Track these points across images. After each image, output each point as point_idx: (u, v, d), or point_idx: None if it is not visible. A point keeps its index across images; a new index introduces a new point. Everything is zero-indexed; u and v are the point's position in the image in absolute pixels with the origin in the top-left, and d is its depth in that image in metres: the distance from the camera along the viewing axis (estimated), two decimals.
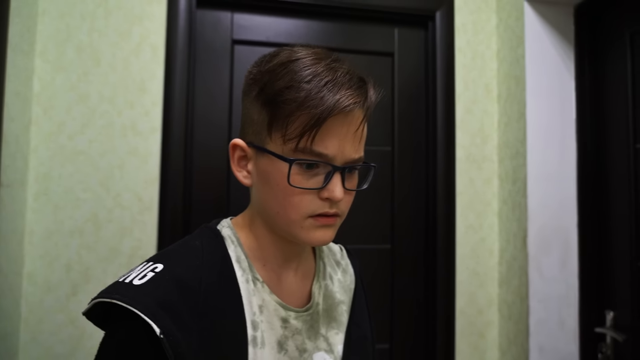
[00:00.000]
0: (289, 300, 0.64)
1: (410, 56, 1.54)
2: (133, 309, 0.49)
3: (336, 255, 0.78)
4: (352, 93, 0.54)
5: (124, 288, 0.51)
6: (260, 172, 0.59)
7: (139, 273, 0.54)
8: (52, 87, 1.26)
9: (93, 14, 1.29)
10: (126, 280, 0.53)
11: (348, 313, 0.71)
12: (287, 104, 0.54)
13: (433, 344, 1.46)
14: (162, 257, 0.57)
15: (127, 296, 0.50)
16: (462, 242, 1.48)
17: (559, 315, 1.35)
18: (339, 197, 0.57)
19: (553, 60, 1.38)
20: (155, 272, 0.53)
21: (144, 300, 0.50)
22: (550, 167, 1.36)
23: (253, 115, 0.59)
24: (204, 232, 0.63)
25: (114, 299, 0.50)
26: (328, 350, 0.66)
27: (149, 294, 0.51)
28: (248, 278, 0.60)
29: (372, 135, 1.49)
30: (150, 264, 0.55)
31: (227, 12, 1.42)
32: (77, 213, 1.26)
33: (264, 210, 0.61)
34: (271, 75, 0.56)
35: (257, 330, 0.58)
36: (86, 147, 1.27)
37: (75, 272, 1.25)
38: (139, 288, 0.51)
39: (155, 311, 0.49)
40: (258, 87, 0.58)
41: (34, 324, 1.22)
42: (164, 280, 0.53)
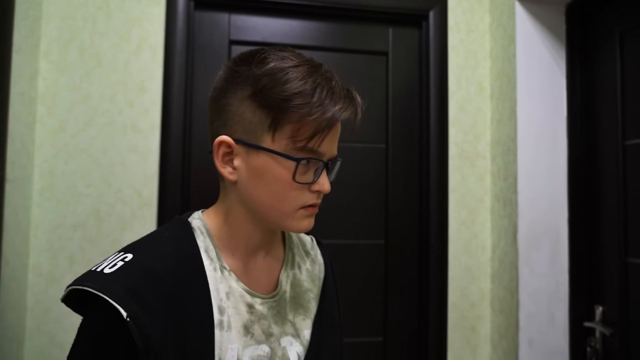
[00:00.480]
0: (255, 287, 0.68)
1: (404, 55, 1.56)
2: (102, 295, 0.53)
3: (306, 246, 0.82)
4: (349, 102, 0.63)
5: (95, 276, 0.56)
6: (252, 168, 0.62)
7: (110, 262, 0.58)
8: (56, 87, 1.31)
9: (95, 16, 1.34)
10: (97, 269, 0.57)
11: (316, 301, 0.75)
12: (298, 110, 0.59)
13: (425, 338, 1.49)
14: (132, 248, 0.61)
15: (97, 283, 0.54)
16: (454, 237, 1.51)
17: (549, 310, 1.37)
18: (328, 189, 0.65)
19: (544, 59, 1.40)
20: (124, 262, 0.57)
21: (111, 287, 0.54)
22: (541, 164, 1.38)
23: (245, 114, 0.61)
24: (174, 224, 0.67)
25: (85, 286, 0.54)
26: (295, 335, 0.70)
27: (116, 280, 0.55)
28: (216, 267, 0.64)
29: (367, 133, 1.53)
30: (121, 254, 0.59)
31: (224, 14, 1.46)
32: (80, 208, 1.31)
33: (254, 204, 0.64)
34: (271, 80, 0.60)
35: (223, 315, 0.62)
36: (88, 145, 1.32)
37: (79, 264, 1.30)
38: (108, 276, 0.56)
39: (123, 297, 0.54)
40: (253, 88, 0.60)
41: (40, 314, 1.28)
42: (132, 269, 0.57)
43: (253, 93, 0.61)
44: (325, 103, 0.59)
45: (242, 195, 0.65)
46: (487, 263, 1.52)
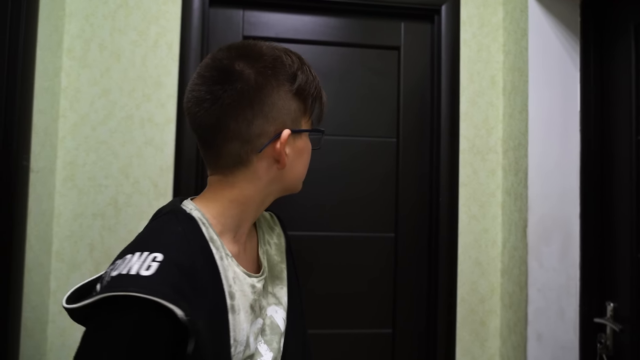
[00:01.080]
0: (248, 268, 0.73)
1: (416, 50, 1.57)
2: (155, 299, 0.52)
3: (269, 222, 0.90)
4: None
5: (134, 280, 0.54)
6: (297, 150, 0.73)
7: (142, 264, 0.56)
8: (78, 83, 1.38)
9: (114, 14, 1.40)
10: (131, 272, 0.55)
11: (286, 270, 0.84)
12: (322, 98, 0.77)
13: (434, 331, 1.50)
14: (154, 246, 0.59)
15: (144, 287, 0.53)
16: (465, 231, 1.51)
17: (559, 305, 1.36)
18: None
19: (557, 53, 1.39)
20: (158, 262, 0.57)
21: (161, 289, 0.54)
22: (552, 159, 1.38)
23: (290, 106, 0.70)
24: (178, 217, 0.67)
25: (131, 292, 0.52)
26: (277, 303, 0.78)
27: (162, 282, 0.55)
28: (222, 255, 0.67)
29: (378, 127, 1.55)
30: (147, 254, 0.58)
31: (238, 10, 1.50)
32: (100, 198, 1.37)
33: (293, 180, 0.75)
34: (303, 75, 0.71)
35: (234, 300, 0.66)
36: (108, 137, 1.38)
37: (98, 251, 1.37)
38: (150, 278, 0.54)
39: (174, 297, 0.54)
40: (293, 84, 0.70)
41: (61, 298, 1.34)
42: (169, 267, 0.57)
43: (295, 88, 0.70)
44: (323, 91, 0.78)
45: (284, 177, 0.73)
46: (498, 257, 1.52)
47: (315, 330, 1.49)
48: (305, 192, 1.50)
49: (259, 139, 0.68)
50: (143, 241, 0.62)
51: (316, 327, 1.49)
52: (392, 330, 1.53)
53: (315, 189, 1.51)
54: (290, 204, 1.50)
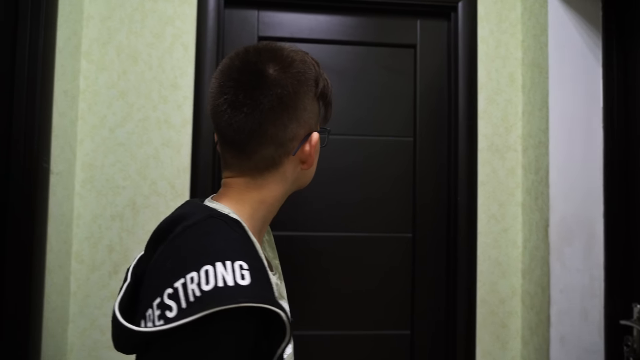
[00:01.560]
0: None
1: (432, 47, 1.55)
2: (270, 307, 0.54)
3: None
4: None
5: (239, 290, 0.53)
6: (316, 149, 0.75)
7: (234, 274, 0.55)
8: (96, 85, 1.39)
9: (131, 17, 1.41)
10: (229, 283, 0.54)
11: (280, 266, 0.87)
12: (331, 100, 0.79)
13: (454, 333, 1.47)
14: (232, 254, 0.58)
15: (252, 296, 0.53)
16: (484, 232, 1.48)
17: (582, 306, 1.33)
18: None
19: (579, 48, 1.35)
20: (248, 269, 0.56)
21: (268, 296, 0.55)
22: (575, 157, 1.34)
23: (315, 108, 0.73)
24: (228, 222, 0.64)
25: (242, 303, 0.52)
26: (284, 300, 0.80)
27: (264, 289, 0.56)
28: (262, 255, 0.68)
29: (394, 126, 1.53)
30: (230, 263, 0.56)
31: (253, 11, 1.50)
32: (118, 199, 1.38)
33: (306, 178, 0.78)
34: (324, 80, 0.74)
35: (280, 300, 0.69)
36: (125, 139, 1.39)
37: (117, 252, 1.38)
38: (252, 287, 0.54)
39: (277, 302, 0.56)
40: (317, 89, 0.72)
41: (82, 298, 1.36)
42: (259, 275, 0.57)
43: (319, 92, 0.73)
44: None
45: (306, 176, 0.77)
46: (518, 258, 1.49)
47: (332, 332, 1.48)
48: (321, 192, 1.50)
49: (292, 142, 0.70)
50: (212, 250, 0.58)
51: (333, 328, 1.48)
52: (411, 332, 1.51)
53: (331, 190, 1.50)
54: (307, 204, 1.49)
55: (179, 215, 0.66)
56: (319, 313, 1.49)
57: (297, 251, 1.49)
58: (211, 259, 0.56)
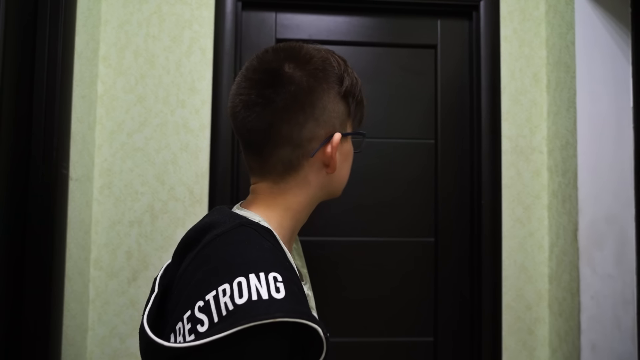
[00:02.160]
0: None
1: (453, 48, 1.52)
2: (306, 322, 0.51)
3: None
4: None
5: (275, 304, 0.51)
6: (344, 153, 0.71)
7: (268, 287, 0.52)
8: (113, 90, 1.38)
9: (148, 21, 1.39)
10: (263, 297, 0.51)
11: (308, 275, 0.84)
12: (363, 103, 0.74)
13: (479, 340, 1.43)
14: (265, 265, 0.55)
15: (288, 310, 0.50)
16: (509, 235, 1.44)
17: (614, 313, 1.28)
18: None
19: (607, 46, 1.31)
20: (282, 282, 0.53)
21: (304, 310, 0.52)
22: (604, 158, 1.30)
23: (339, 109, 0.68)
24: (259, 231, 0.61)
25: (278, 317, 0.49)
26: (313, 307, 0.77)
27: (299, 302, 0.53)
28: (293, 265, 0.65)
29: (415, 128, 1.50)
30: (263, 274, 0.53)
31: (271, 13, 1.47)
32: (136, 205, 1.37)
33: (340, 184, 0.73)
34: (349, 77, 0.69)
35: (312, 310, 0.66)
36: (143, 144, 1.38)
37: (135, 259, 1.36)
38: (288, 301, 0.51)
39: (313, 316, 0.52)
40: (341, 87, 0.68)
41: (100, 306, 1.34)
42: (293, 287, 0.54)
43: (343, 91, 0.68)
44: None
45: (332, 182, 0.71)
46: (545, 263, 1.45)
47: (352, 339, 1.45)
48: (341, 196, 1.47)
49: (310, 143, 0.66)
50: (244, 261, 0.55)
51: (354, 335, 1.45)
52: (434, 339, 1.47)
53: (350, 193, 1.47)
54: (326, 209, 1.46)
55: (208, 223, 0.63)
56: (341, 320, 1.46)
57: (315, 257, 1.46)
58: (243, 270, 0.53)
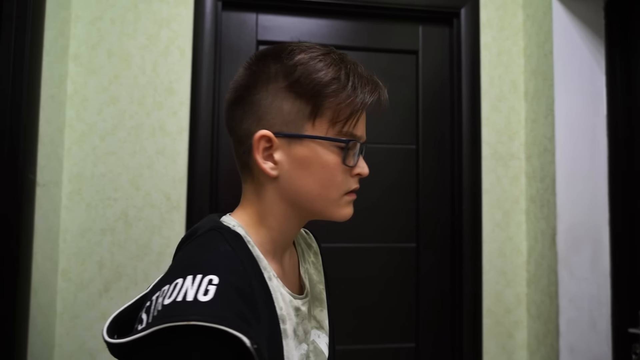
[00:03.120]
0: (292, 289, 0.67)
1: (434, 54, 1.53)
2: (222, 327, 0.46)
3: (307, 239, 0.83)
4: (376, 85, 0.65)
5: (194, 307, 0.47)
6: (297, 159, 0.61)
7: (197, 288, 0.49)
8: (85, 90, 1.30)
9: (123, 18, 1.33)
10: (187, 298, 0.48)
11: (325, 291, 0.78)
12: (337, 94, 0.61)
13: (460, 344, 1.44)
14: (207, 268, 0.53)
15: (207, 315, 0.46)
16: (488, 240, 1.46)
17: (590, 315, 1.32)
18: (367, 172, 0.66)
19: (583, 56, 1.35)
20: (215, 285, 0.50)
21: (226, 316, 0.47)
22: (580, 165, 1.34)
23: (283, 106, 0.61)
24: (225, 235, 0.60)
25: (192, 321, 0.46)
26: (319, 327, 0.72)
27: (226, 308, 0.48)
28: (270, 275, 0.61)
29: (397, 133, 1.49)
30: (200, 276, 0.51)
31: (252, 14, 1.44)
32: (109, 211, 1.29)
33: (299, 195, 0.63)
34: (306, 68, 0.61)
35: (285, 324, 0.60)
36: (117, 148, 1.31)
37: (107, 269, 1.28)
38: (212, 304, 0.48)
39: (240, 324, 0.47)
40: (288, 80, 0.61)
41: (69, 320, 1.26)
42: (228, 292, 0.50)
43: (289, 84, 0.61)
44: (357, 86, 0.62)
45: (284, 190, 0.63)
46: (523, 267, 1.48)
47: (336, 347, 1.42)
48: None
49: (248, 141, 0.62)
50: (192, 263, 0.54)
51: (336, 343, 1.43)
52: (416, 344, 1.47)
53: None
54: None
55: (193, 229, 0.63)
56: None
57: None
58: (185, 271, 0.52)
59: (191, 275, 0.51)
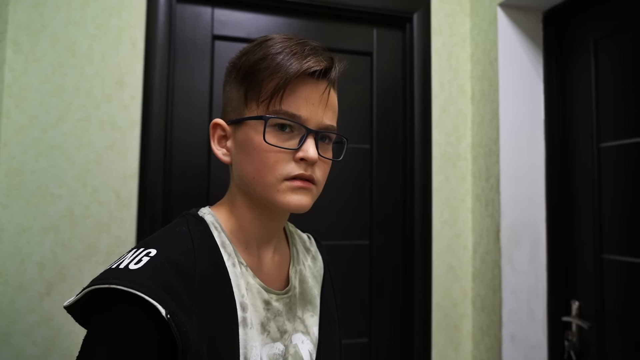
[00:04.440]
0: (269, 283, 0.67)
1: (388, 56, 1.57)
2: (137, 292, 0.48)
3: (305, 243, 0.83)
4: (317, 59, 0.61)
5: (121, 273, 0.50)
6: (239, 142, 0.63)
7: (133, 258, 0.53)
8: (25, 79, 1.21)
9: (68, 4, 1.25)
10: (120, 266, 0.52)
11: (319, 297, 0.77)
12: (261, 72, 0.60)
13: (410, 338, 1.49)
14: (153, 243, 0.57)
15: (127, 280, 0.49)
16: (438, 237, 1.53)
17: (529, 306, 1.42)
18: (312, 156, 0.59)
19: (523, 64, 1.45)
20: (150, 257, 0.54)
21: (146, 283, 0.50)
22: (521, 165, 1.43)
23: (233, 94, 0.65)
24: (188, 219, 0.64)
25: (112, 284, 0.48)
26: (305, 332, 0.70)
27: (149, 277, 0.51)
28: (234, 262, 0.62)
29: (351, 133, 1.52)
30: (142, 249, 0.55)
31: (207, 8, 1.41)
32: (52, 209, 1.21)
33: (242, 180, 0.64)
34: (247, 55, 0.63)
35: (246, 312, 0.60)
36: (61, 141, 1.23)
37: (49, 270, 1.21)
38: (137, 272, 0.51)
39: (159, 293, 0.49)
40: (236, 69, 0.64)
41: (5, 325, 1.17)
42: (161, 264, 0.53)
43: (236, 73, 0.64)
44: (287, 63, 0.59)
45: (235, 177, 0.66)
46: (469, 262, 1.55)
47: None
48: None
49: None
50: (146, 240, 0.59)
51: None
52: (369, 339, 1.51)
53: None
54: None
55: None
56: None
57: None
58: (138, 246, 0.57)
59: (136, 248, 0.56)
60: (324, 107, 0.62)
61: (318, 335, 0.72)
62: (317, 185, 0.63)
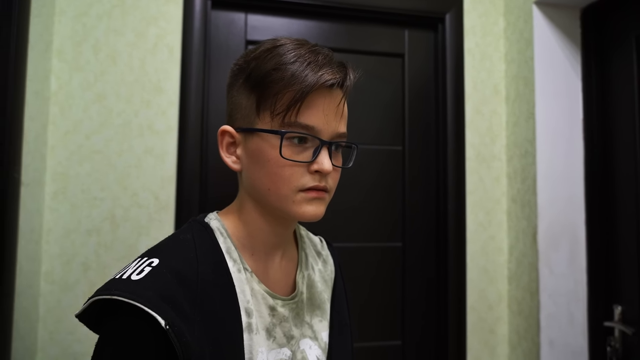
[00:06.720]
0: (275, 289, 0.67)
1: (420, 57, 1.56)
2: (136, 303, 0.49)
3: (317, 246, 0.82)
4: (332, 71, 0.60)
5: (123, 284, 0.52)
6: (250, 152, 0.62)
7: (136, 268, 0.55)
8: (69, 87, 1.26)
9: (109, 14, 1.30)
10: (123, 276, 0.54)
11: (329, 302, 0.76)
12: (275, 83, 0.59)
13: (445, 341, 1.48)
14: (156, 252, 0.58)
15: (128, 291, 0.51)
16: (472, 239, 1.51)
17: (568, 310, 1.38)
18: (327, 168, 0.60)
19: (560, 62, 1.42)
20: (152, 267, 0.55)
21: (145, 294, 0.51)
22: (558, 166, 1.40)
23: (241, 101, 0.64)
24: (193, 226, 0.65)
25: (114, 295, 0.50)
26: (313, 337, 0.70)
27: (149, 287, 0.52)
28: (240, 268, 0.63)
29: (384, 135, 1.52)
30: (145, 259, 0.56)
31: (241, 13, 1.43)
32: (95, 212, 1.26)
33: (255, 190, 0.64)
34: (258, 61, 0.61)
35: (251, 318, 0.61)
36: (103, 147, 1.28)
37: (93, 271, 1.25)
38: (138, 282, 0.52)
39: (158, 304, 0.51)
40: (245, 74, 0.63)
41: (52, 323, 1.22)
42: (162, 274, 0.54)
43: (245, 79, 0.63)
44: (301, 73, 0.58)
45: (246, 185, 0.66)
46: (504, 265, 1.53)
47: None
48: None
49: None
50: (152, 248, 0.60)
51: None
52: (402, 342, 1.50)
53: None
54: None
55: None
56: None
57: None
58: (143, 254, 0.58)
59: (140, 257, 0.57)
60: (339, 117, 0.63)
61: (328, 340, 0.72)
62: (329, 193, 0.64)
